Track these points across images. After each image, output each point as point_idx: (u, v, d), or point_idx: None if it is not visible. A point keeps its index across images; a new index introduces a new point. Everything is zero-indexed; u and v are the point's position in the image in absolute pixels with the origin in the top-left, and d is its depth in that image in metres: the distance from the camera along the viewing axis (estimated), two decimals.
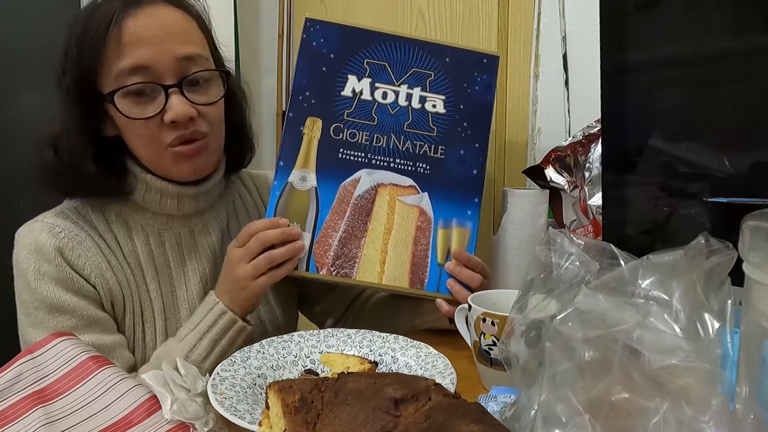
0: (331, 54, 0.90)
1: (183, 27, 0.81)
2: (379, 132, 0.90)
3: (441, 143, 0.91)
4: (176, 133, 0.79)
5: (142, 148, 0.82)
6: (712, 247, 0.48)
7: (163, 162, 0.82)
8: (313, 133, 0.88)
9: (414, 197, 0.90)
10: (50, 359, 0.64)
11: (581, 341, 0.45)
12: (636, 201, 0.81)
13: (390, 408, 0.46)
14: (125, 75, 0.77)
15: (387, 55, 0.91)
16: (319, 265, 0.86)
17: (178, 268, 0.87)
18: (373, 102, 0.90)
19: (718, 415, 0.41)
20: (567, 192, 1.09)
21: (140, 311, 0.84)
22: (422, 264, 0.88)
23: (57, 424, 0.57)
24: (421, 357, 0.73)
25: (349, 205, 0.88)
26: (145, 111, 0.78)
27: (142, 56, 0.77)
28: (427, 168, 0.90)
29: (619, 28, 0.78)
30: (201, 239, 0.90)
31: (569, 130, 1.24)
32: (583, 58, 1.21)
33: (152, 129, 0.79)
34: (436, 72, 0.92)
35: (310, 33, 0.90)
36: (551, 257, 0.57)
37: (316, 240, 0.86)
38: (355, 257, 0.87)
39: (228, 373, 0.66)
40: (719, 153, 0.71)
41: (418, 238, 0.89)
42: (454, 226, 0.90)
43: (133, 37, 0.76)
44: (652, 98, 0.78)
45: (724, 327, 0.46)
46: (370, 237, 0.88)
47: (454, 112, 0.92)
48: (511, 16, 1.31)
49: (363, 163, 0.89)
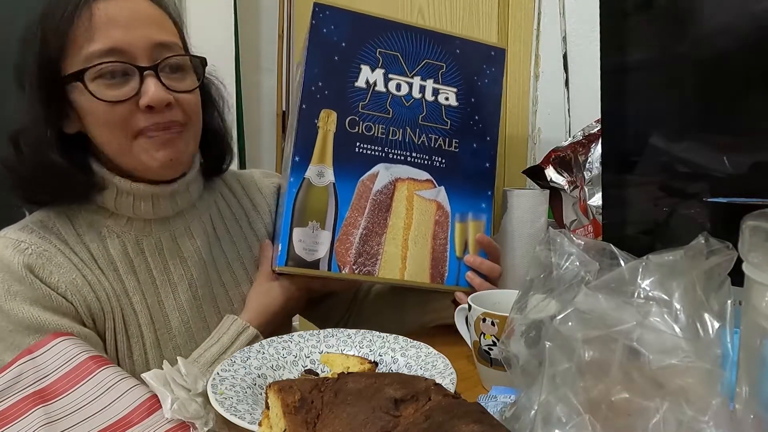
0: (343, 43, 0.86)
1: (157, 16, 0.78)
2: (394, 125, 0.88)
3: (455, 136, 0.90)
4: (151, 120, 0.75)
5: (109, 137, 0.76)
6: (712, 247, 0.48)
7: (132, 152, 0.76)
8: (328, 126, 0.85)
9: (431, 191, 0.89)
10: (50, 359, 0.64)
11: (581, 341, 0.45)
12: (636, 201, 0.81)
13: (390, 408, 0.46)
14: (97, 57, 0.72)
15: (399, 45, 0.88)
16: (341, 264, 0.84)
17: (162, 276, 0.82)
18: (388, 94, 0.88)
19: (718, 415, 0.41)
20: (567, 192, 1.09)
21: (123, 326, 0.78)
22: (442, 258, 0.88)
23: (57, 424, 0.57)
24: (421, 357, 0.73)
25: (368, 201, 0.86)
26: (118, 94, 0.73)
27: (116, 38, 0.72)
28: (442, 162, 0.89)
29: (619, 28, 0.78)
30: (185, 243, 0.84)
31: (569, 130, 1.24)
32: (583, 58, 1.21)
33: (123, 114, 0.74)
34: (447, 64, 0.90)
35: (320, 19, 0.85)
36: (551, 257, 0.57)
37: (337, 238, 0.84)
38: (377, 254, 0.86)
39: (228, 373, 0.66)
40: (719, 153, 0.71)
41: (436, 233, 0.88)
42: (470, 219, 0.90)
43: (105, 19, 0.73)
44: (652, 98, 0.78)
45: (724, 327, 0.46)
46: (391, 233, 0.87)
47: (466, 105, 0.91)
48: (511, 16, 1.31)
49: (380, 158, 0.87)
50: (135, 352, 0.79)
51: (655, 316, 0.46)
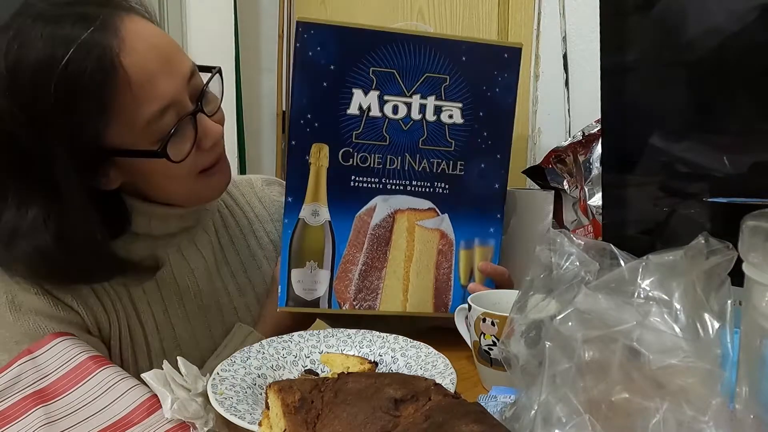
0: (331, 65, 0.79)
1: (166, 38, 0.71)
2: (392, 153, 0.82)
3: (460, 158, 0.83)
4: (213, 155, 0.73)
5: (172, 187, 0.74)
6: (712, 247, 0.48)
7: (195, 190, 0.75)
8: (320, 162, 0.80)
9: (434, 220, 0.84)
10: (50, 359, 0.64)
11: (581, 341, 0.45)
12: (636, 201, 0.81)
13: (390, 408, 0.46)
14: (157, 120, 0.67)
15: (395, 60, 0.80)
16: (341, 301, 0.83)
17: (168, 287, 0.81)
18: (384, 118, 0.81)
19: (718, 415, 0.41)
20: (567, 192, 1.09)
21: (129, 335, 0.77)
22: (445, 288, 0.85)
23: (57, 424, 0.57)
24: (421, 357, 0.73)
25: (366, 236, 0.82)
26: (185, 148, 0.69)
27: (165, 91, 0.66)
28: (446, 187, 0.84)
29: (619, 28, 0.78)
30: (191, 254, 0.84)
31: (569, 130, 1.24)
32: (583, 58, 1.21)
33: (188, 162, 0.71)
34: (452, 75, 0.82)
35: (305, 41, 0.78)
36: (551, 257, 0.57)
37: (335, 276, 0.82)
38: (377, 289, 0.83)
39: (228, 373, 0.66)
40: (719, 153, 0.71)
41: (440, 262, 0.85)
42: (476, 246, 0.86)
43: (142, 74, 0.65)
44: (652, 98, 0.78)
45: (724, 327, 0.46)
46: (391, 267, 0.83)
47: (473, 122, 0.83)
48: (511, 16, 1.31)
49: (377, 190, 0.82)
50: (140, 360, 0.78)
51: (655, 316, 0.46)
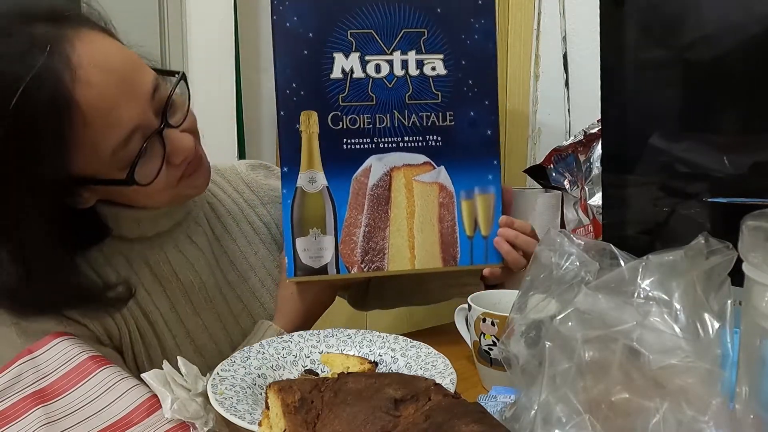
0: (310, 33, 0.80)
1: (123, 55, 0.68)
2: (380, 112, 0.82)
3: (448, 109, 0.84)
4: (185, 165, 0.72)
5: (150, 201, 0.74)
6: (712, 247, 0.48)
7: (177, 193, 0.75)
8: (310, 129, 0.81)
9: (430, 174, 0.84)
10: (50, 359, 0.64)
11: (581, 341, 0.45)
12: (636, 201, 0.81)
13: (390, 408, 0.46)
14: (122, 147, 0.65)
15: (371, 19, 0.81)
16: (348, 265, 0.83)
17: (171, 284, 0.81)
18: (367, 79, 0.82)
19: (718, 415, 0.41)
20: (567, 191, 1.09)
21: (140, 336, 0.77)
22: (451, 241, 0.85)
23: (57, 424, 0.57)
24: (421, 357, 0.73)
25: (365, 197, 0.83)
26: (153, 166, 0.69)
27: (128, 117, 0.65)
28: (438, 139, 0.84)
29: (619, 29, 0.78)
30: (188, 250, 0.83)
31: (569, 130, 1.24)
32: (583, 58, 1.21)
33: (162, 177, 0.70)
34: (429, 28, 0.82)
35: (280, 12, 0.80)
36: (551, 257, 0.57)
37: (340, 241, 0.82)
38: (384, 249, 0.83)
39: (228, 373, 0.66)
40: (719, 153, 0.71)
41: (442, 216, 0.84)
42: (476, 194, 0.85)
43: (101, 106, 0.63)
44: (652, 98, 0.78)
45: (724, 327, 0.46)
46: (394, 225, 0.84)
47: (457, 71, 0.83)
48: (511, 16, 1.31)
49: (370, 150, 0.83)
50: (155, 359, 0.77)
51: (655, 316, 0.46)
